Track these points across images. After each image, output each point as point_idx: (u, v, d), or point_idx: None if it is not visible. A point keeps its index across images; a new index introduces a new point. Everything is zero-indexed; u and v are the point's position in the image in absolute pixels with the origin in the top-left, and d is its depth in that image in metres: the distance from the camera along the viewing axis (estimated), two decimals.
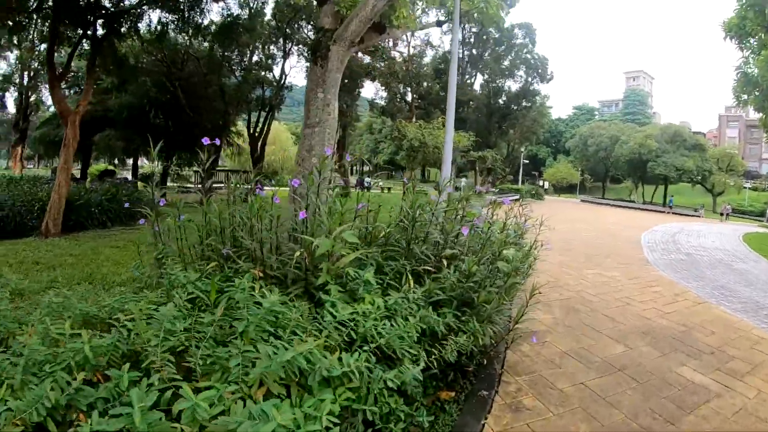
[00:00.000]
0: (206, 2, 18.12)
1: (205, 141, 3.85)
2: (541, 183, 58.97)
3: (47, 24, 15.36)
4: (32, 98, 32.37)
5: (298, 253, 3.04)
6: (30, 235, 11.99)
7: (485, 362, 3.74)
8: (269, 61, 26.24)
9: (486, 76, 43.92)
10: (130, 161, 31.18)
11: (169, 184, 32.92)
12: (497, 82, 43.46)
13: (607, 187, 66.92)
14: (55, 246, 8.93)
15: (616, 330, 5.06)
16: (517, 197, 35.53)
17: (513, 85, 44.33)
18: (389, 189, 26.13)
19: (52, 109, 34.29)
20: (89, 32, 15.90)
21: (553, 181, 66.60)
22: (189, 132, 22.73)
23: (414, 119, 33.93)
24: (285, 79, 26.58)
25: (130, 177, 28.77)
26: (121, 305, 2.75)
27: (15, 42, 20.74)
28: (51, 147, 30.14)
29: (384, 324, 2.69)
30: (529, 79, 43.02)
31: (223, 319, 2.43)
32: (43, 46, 18.29)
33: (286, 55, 25.93)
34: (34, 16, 15.64)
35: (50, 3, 14.43)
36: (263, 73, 26.01)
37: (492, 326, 3.42)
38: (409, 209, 3.80)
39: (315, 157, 6.75)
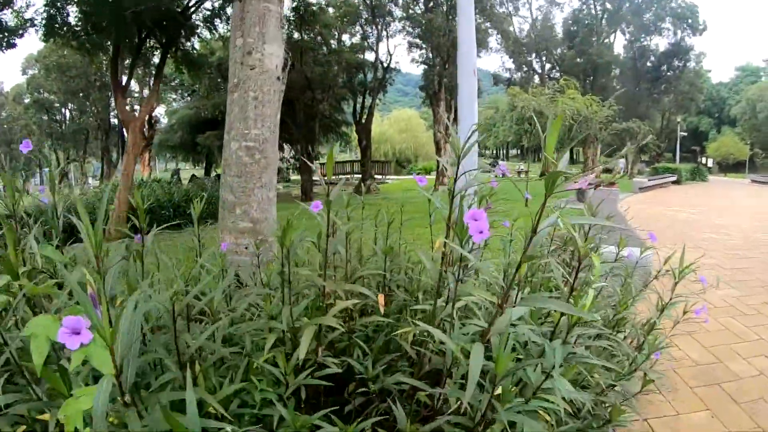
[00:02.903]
0: None
1: None
2: (703, 161, 49.04)
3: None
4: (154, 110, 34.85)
5: None
6: None
7: None
8: (365, 43, 24.00)
9: (628, 35, 37.04)
10: None
11: (294, 177, 32.97)
12: (642, 40, 36.34)
13: None
14: None
15: None
16: (674, 178, 28.84)
17: (661, 42, 36.82)
18: (526, 173, 22.47)
19: (164, 120, 36.26)
20: (148, 43, 15.57)
21: (717, 158, 55.20)
22: (282, 124, 21.86)
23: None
24: (389, 60, 23.95)
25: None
26: None
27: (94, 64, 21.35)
28: (169, 150, 31.72)
29: None
30: (678, 32, 35.24)
31: None
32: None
33: (380, 34, 23.35)
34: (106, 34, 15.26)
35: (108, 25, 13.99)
36: (357, 55, 23.77)
37: None
38: None
39: (235, 139, 3.94)
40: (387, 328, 2.03)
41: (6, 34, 14.24)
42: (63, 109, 36.65)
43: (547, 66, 38.25)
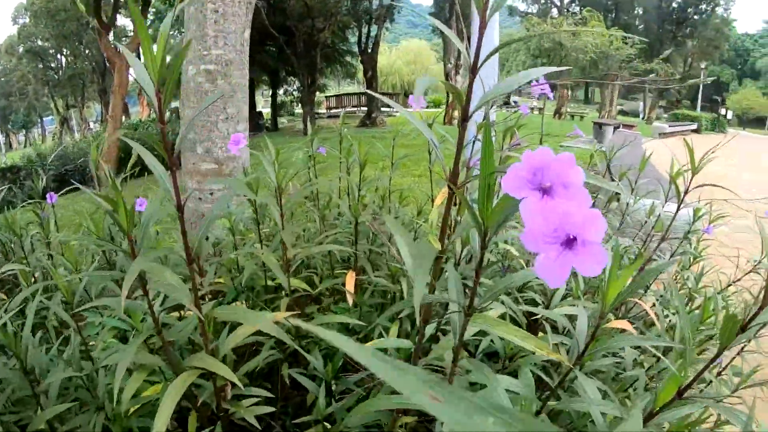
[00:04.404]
0: None
1: None
2: (722, 112, 47.18)
3: None
4: None
5: None
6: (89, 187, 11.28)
7: None
8: None
9: None
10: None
11: (297, 111, 32.17)
12: None
13: None
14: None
15: None
16: (694, 127, 27.40)
17: None
18: (540, 110, 21.36)
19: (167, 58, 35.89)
20: None
21: (737, 110, 53.22)
22: (283, 55, 21.38)
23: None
24: None
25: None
26: None
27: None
28: None
29: None
30: None
31: None
32: None
33: None
34: None
35: None
36: None
37: None
38: None
39: (192, 63, 3.18)
40: (359, 328, 1.36)
41: None
42: (57, 56, 35.99)
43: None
